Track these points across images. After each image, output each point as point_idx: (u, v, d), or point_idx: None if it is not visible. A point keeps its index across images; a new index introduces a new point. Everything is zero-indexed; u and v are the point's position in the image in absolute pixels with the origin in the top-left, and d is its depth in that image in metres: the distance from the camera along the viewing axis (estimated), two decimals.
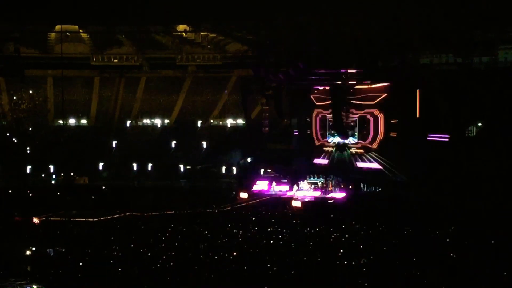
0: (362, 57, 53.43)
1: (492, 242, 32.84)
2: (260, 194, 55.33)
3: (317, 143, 60.05)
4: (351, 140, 56.25)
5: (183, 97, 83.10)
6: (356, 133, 55.99)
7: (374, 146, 54.43)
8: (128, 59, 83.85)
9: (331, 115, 56.74)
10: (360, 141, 55.57)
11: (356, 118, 55.87)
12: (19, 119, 77.92)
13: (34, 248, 31.80)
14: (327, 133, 58.33)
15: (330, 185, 53.31)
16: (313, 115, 60.41)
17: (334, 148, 57.52)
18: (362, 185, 53.33)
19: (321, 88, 58.34)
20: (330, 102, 56.32)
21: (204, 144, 75.56)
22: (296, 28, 66.18)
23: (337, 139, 57.07)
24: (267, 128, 64.91)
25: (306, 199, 51.17)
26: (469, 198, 44.15)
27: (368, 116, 55.18)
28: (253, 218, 43.54)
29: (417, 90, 51.32)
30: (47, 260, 30.47)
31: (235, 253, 30.79)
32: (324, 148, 58.76)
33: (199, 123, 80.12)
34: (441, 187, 46.93)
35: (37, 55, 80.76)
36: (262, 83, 60.13)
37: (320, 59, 54.39)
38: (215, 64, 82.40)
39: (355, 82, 53.82)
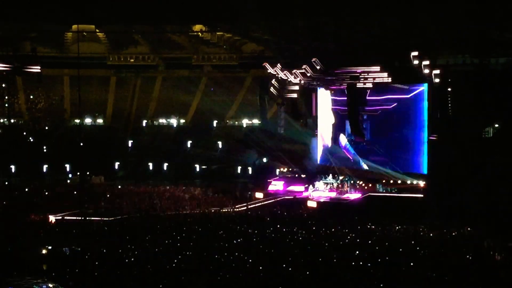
0: (379, 56, 53.05)
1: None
2: (275, 194, 55.23)
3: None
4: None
5: (199, 97, 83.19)
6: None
7: None
8: (144, 59, 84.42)
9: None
10: None
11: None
12: (36, 118, 78.29)
13: (50, 247, 31.89)
14: (342, 136, 56.08)
15: (345, 186, 53.07)
16: None
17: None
18: (378, 186, 52.86)
19: None
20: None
21: (220, 144, 75.62)
22: (313, 27, 66.01)
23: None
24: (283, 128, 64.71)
25: (322, 200, 50.98)
26: (486, 199, 43.81)
27: None
28: (268, 218, 43.50)
29: None
30: (63, 259, 30.55)
31: (250, 253, 30.73)
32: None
33: (214, 123, 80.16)
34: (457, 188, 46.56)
35: (54, 55, 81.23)
36: (278, 83, 59.98)
37: (336, 58, 54.07)
38: (231, 64, 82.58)
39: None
